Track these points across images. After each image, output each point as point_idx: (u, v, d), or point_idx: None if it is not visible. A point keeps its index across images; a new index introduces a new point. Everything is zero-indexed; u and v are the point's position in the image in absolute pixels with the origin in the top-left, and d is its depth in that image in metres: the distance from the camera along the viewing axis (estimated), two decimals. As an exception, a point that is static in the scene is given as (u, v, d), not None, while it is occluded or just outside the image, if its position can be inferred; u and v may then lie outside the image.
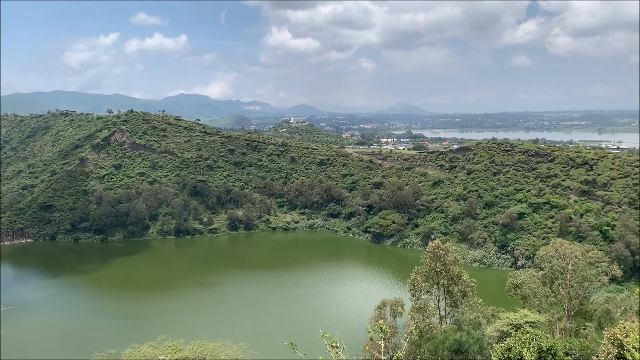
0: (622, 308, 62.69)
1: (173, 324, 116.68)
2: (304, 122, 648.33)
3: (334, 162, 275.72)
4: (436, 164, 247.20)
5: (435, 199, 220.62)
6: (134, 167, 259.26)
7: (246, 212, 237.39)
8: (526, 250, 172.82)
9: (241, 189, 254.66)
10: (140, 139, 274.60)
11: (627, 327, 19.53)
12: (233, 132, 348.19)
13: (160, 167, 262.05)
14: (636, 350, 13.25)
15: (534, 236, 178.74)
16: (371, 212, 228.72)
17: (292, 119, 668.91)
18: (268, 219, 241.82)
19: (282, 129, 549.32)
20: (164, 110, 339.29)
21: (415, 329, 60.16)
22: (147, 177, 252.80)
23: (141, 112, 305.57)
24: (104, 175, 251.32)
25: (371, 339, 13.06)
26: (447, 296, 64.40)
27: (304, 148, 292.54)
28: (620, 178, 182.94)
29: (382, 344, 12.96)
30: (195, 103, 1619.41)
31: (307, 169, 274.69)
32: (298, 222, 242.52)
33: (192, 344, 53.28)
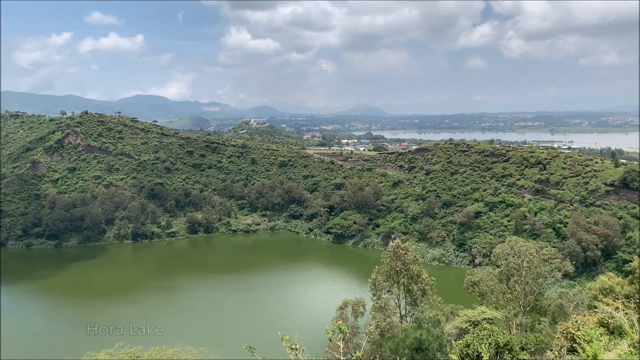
0: (575, 303, 64.80)
1: (131, 330, 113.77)
2: (265, 123, 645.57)
3: (295, 164, 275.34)
4: (396, 164, 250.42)
5: (396, 199, 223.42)
6: (89, 170, 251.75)
7: (206, 215, 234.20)
8: (483, 248, 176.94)
9: (200, 192, 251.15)
10: (96, 141, 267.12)
11: (578, 321, 20.17)
12: (191, 133, 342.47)
13: (117, 170, 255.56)
14: (587, 343, 13.67)
15: (491, 234, 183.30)
16: (332, 213, 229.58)
17: (252, 120, 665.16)
18: (228, 222, 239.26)
19: (242, 130, 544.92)
20: (119, 112, 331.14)
21: (374, 328, 60.65)
22: (103, 180, 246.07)
23: (96, 113, 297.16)
24: (58, 179, 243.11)
25: (330, 340, 13.01)
26: (408, 295, 65.16)
27: (265, 149, 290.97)
28: (571, 177, 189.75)
29: (341, 345, 12.89)
30: (153, 104, 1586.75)
31: (268, 171, 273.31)
32: (259, 224, 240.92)
33: (151, 350, 52.12)
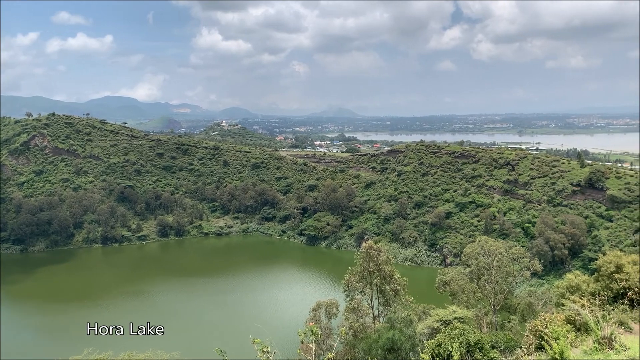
0: (543, 301, 66.08)
1: (101, 336, 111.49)
2: (237, 124, 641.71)
3: (267, 165, 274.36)
4: (368, 166, 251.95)
5: (368, 200, 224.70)
6: (56, 173, 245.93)
7: (177, 218, 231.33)
8: (454, 248, 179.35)
9: (171, 194, 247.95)
10: (63, 143, 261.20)
11: (546, 319, 20.57)
12: (162, 135, 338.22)
13: (85, 173, 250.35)
14: (554, 340, 13.96)
15: (461, 234, 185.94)
16: (306, 215, 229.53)
17: (224, 121, 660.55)
18: (200, 225, 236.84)
19: (213, 132, 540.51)
20: (88, 114, 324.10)
21: (345, 329, 60.78)
22: (71, 183, 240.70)
23: (64, 115, 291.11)
24: (24, 182, 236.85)
25: (302, 342, 12.97)
26: (380, 295, 65.45)
27: (237, 151, 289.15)
28: (539, 177, 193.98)
29: (313, 347, 12.86)
30: (122, 105, 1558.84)
31: (240, 173, 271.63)
32: (231, 226, 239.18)
33: (121, 356, 51.28)
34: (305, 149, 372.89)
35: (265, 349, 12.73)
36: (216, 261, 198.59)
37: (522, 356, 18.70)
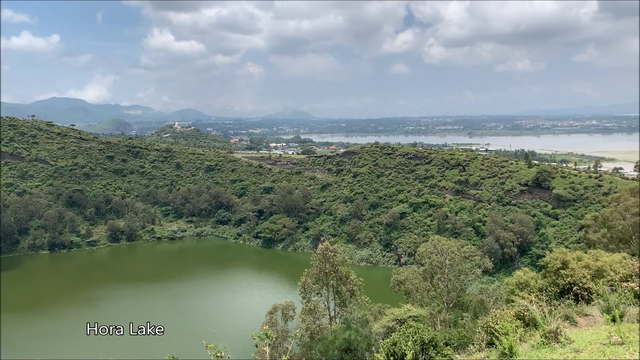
0: (494, 297, 67.80)
1: (49, 345, 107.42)
2: (190, 126, 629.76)
3: (222, 168, 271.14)
4: (324, 167, 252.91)
5: (324, 201, 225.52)
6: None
7: (128, 223, 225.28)
8: (408, 247, 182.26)
9: (122, 198, 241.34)
10: (7, 146, 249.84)
11: (497, 315, 21.10)
12: (112, 137, 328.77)
13: (31, 177, 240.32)
14: (503, 336, 14.33)
15: (415, 234, 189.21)
16: (262, 217, 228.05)
17: (176, 123, 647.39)
18: (152, 229, 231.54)
19: (165, 134, 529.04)
20: (33, 115, 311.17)
21: (304, 331, 60.65)
22: (16, 188, 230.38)
23: (7, 117, 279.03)
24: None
25: (256, 346, 12.81)
26: (337, 296, 65.67)
27: (190, 154, 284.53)
28: (489, 178, 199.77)
29: (267, 350, 12.71)
30: (70, 107, 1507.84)
31: (193, 175, 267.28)
32: (185, 230, 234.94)
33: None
34: (260, 151, 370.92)
35: (219, 354, 12.50)
36: (169, 266, 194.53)
37: (474, 352, 19.08)
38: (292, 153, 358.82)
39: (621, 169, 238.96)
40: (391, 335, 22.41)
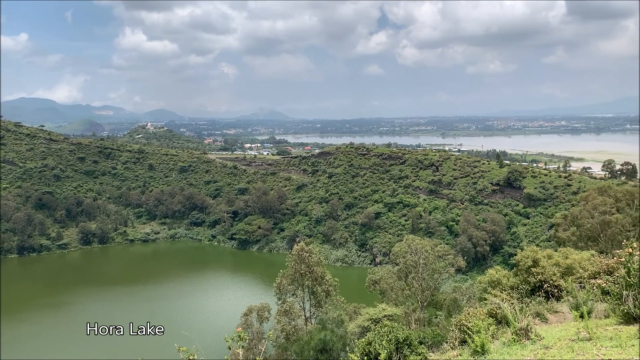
0: (467, 296, 68.65)
1: (17, 351, 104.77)
2: (163, 127, 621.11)
3: (196, 169, 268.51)
4: (299, 168, 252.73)
5: (300, 202, 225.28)
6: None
7: (100, 225, 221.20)
8: (383, 247, 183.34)
9: (94, 200, 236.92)
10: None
11: (470, 313, 21.35)
12: (83, 138, 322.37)
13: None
14: (475, 334, 14.53)
15: (390, 234, 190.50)
16: (236, 219, 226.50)
17: (149, 124, 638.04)
18: (125, 231, 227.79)
19: (138, 134, 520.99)
20: (0, 116, 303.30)
21: (274, 332, 60.50)
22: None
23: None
24: None
25: (229, 348, 12.70)
26: (312, 297, 65.77)
27: (163, 155, 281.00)
28: (461, 177, 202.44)
29: (241, 352, 12.61)
30: (39, 108, 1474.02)
31: (167, 177, 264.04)
32: (158, 232, 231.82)
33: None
34: (235, 152, 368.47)
35: (191, 357, 12.34)
36: (142, 269, 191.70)
37: (448, 350, 19.25)
38: (267, 154, 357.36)
39: (589, 168, 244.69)
40: (366, 335, 22.49)
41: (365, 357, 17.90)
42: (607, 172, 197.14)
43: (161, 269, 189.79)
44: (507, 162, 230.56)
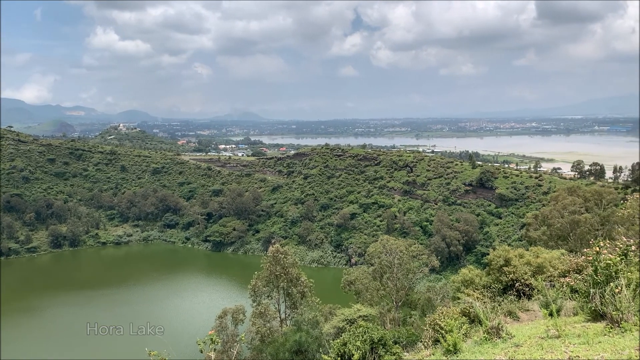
0: (441, 295, 69.33)
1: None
2: (135, 128, 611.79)
3: (169, 170, 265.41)
4: (275, 169, 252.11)
5: (275, 203, 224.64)
6: None
7: (71, 227, 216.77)
8: (359, 248, 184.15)
9: (65, 202, 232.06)
10: None
11: (444, 313, 21.56)
12: (53, 139, 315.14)
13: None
14: (448, 333, 14.71)
15: (365, 234, 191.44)
16: (211, 221, 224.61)
17: (121, 125, 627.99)
18: (97, 234, 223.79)
19: (110, 135, 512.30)
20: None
21: (246, 334, 60.19)
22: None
23: None
24: None
25: (201, 352, 12.59)
26: (287, 298, 65.50)
27: (136, 156, 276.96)
28: (435, 178, 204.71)
29: (213, 355, 12.51)
30: (7, 108, 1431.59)
31: (140, 178, 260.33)
32: (131, 235, 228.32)
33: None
34: (209, 153, 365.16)
35: (162, 360, 12.19)
36: (114, 272, 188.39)
37: (421, 350, 19.38)
38: (242, 155, 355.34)
39: (559, 169, 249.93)
40: (341, 336, 22.53)
41: (339, 358, 17.93)
42: (576, 173, 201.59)
43: (134, 272, 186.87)
44: (479, 162, 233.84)
